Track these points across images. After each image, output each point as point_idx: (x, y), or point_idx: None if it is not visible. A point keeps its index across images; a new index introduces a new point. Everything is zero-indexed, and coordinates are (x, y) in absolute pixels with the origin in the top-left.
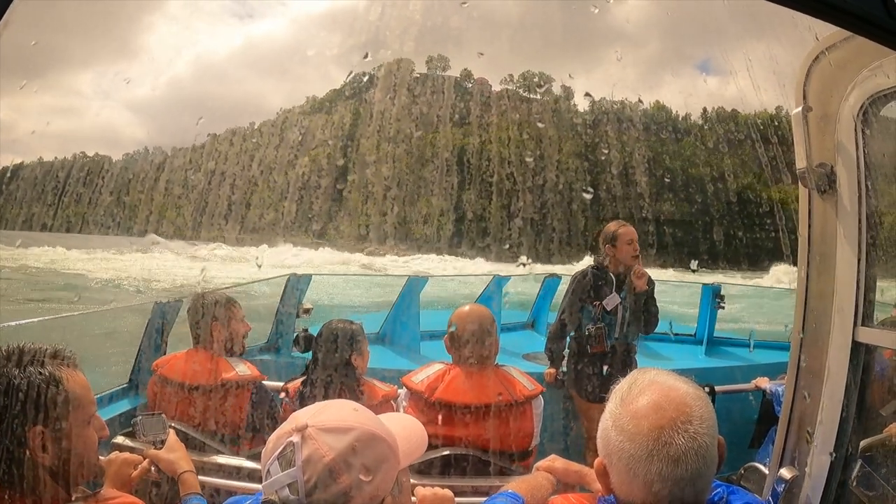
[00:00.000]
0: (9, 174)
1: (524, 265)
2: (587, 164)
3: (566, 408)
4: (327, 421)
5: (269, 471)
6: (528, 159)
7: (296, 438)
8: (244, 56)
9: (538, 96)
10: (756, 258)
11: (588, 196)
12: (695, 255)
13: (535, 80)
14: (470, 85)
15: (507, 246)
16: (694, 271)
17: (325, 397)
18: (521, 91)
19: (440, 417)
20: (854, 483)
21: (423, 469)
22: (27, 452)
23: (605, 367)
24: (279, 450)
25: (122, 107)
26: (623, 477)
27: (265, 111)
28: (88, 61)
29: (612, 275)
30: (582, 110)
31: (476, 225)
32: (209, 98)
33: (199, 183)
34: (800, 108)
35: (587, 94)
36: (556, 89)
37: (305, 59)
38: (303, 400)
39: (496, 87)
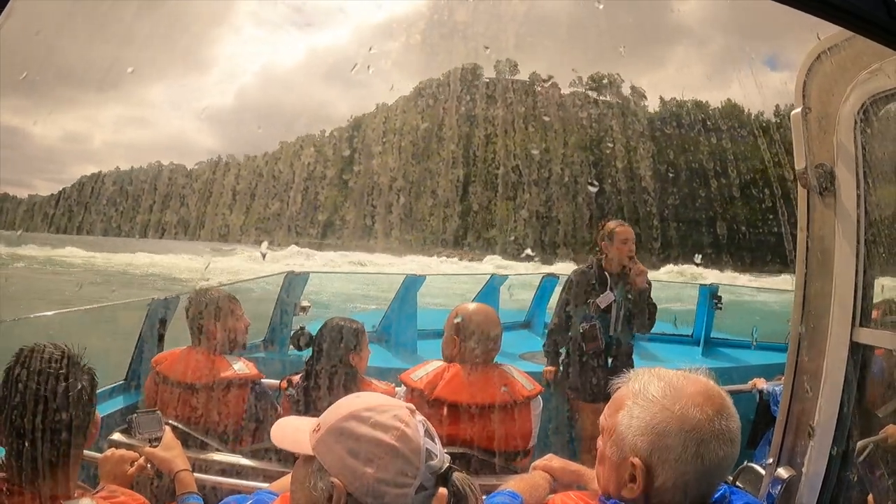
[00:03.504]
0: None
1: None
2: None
3: (562, 407)
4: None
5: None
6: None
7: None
8: (308, 65)
9: (608, 97)
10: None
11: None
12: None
13: (604, 81)
14: (539, 88)
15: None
16: (698, 264)
17: (325, 394)
18: (589, 92)
19: (439, 415)
20: (851, 483)
21: None
22: (31, 446)
23: (601, 367)
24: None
25: (193, 117)
26: (677, 470)
27: (336, 119)
28: (159, 74)
29: (606, 273)
30: (653, 111)
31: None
32: (277, 105)
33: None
34: (799, 109)
35: (661, 98)
36: (626, 90)
37: (369, 67)
38: (304, 395)
39: (565, 90)
